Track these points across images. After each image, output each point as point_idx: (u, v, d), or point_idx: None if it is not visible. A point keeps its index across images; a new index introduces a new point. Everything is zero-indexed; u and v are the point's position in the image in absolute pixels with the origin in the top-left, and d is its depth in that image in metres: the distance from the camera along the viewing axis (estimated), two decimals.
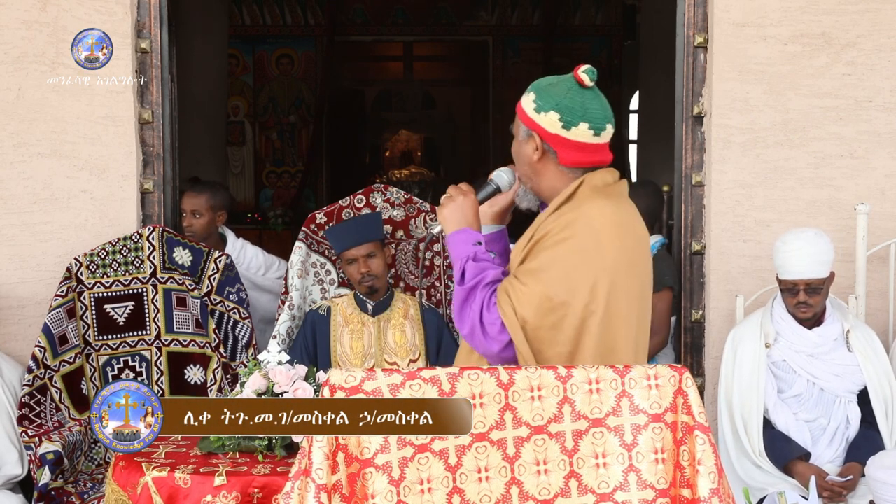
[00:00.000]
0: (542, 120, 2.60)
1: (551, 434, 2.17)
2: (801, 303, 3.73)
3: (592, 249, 2.49)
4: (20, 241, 4.23)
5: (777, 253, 3.76)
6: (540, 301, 2.46)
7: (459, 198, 2.66)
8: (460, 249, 2.60)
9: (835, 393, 3.77)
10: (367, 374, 2.12)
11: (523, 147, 2.65)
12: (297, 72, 11.96)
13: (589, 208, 2.54)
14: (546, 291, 2.47)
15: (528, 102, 2.63)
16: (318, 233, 4.27)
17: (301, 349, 3.98)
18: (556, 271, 2.48)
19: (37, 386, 3.90)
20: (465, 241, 2.61)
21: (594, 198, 2.56)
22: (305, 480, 2.05)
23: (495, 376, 2.16)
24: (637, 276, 2.59)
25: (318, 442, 2.06)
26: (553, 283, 2.47)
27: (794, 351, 3.79)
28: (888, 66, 4.24)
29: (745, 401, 3.79)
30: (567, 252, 2.49)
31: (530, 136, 2.63)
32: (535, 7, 12.09)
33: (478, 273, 2.54)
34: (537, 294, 2.46)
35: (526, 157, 2.65)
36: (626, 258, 2.54)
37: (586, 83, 2.62)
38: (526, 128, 2.64)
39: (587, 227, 2.51)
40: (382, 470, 2.10)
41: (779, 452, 3.72)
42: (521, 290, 2.48)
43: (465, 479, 2.14)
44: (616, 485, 2.16)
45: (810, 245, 3.70)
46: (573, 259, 2.48)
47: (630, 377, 2.19)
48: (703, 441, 2.14)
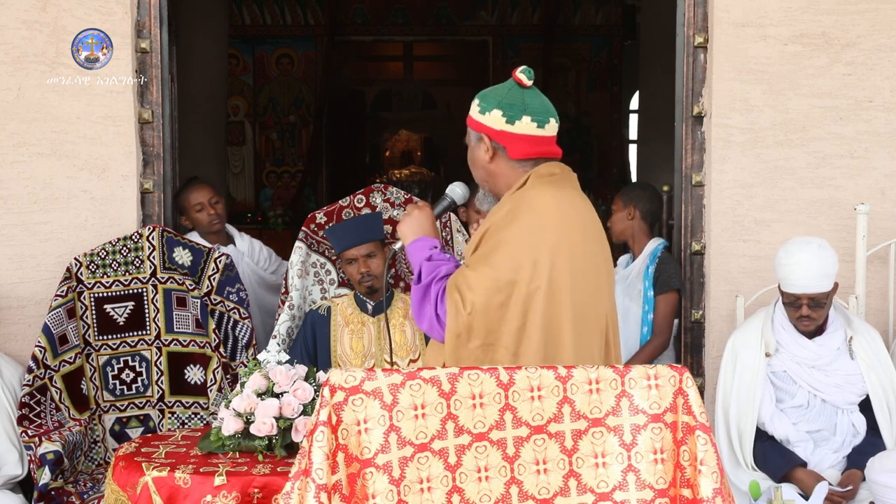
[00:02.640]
0: (487, 120, 2.77)
1: (551, 434, 2.17)
2: (803, 316, 3.65)
3: (535, 228, 2.63)
4: (20, 241, 4.24)
5: (779, 265, 3.66)
6: (488, 283, 2.59)
7: (415, 212, 2.86)
8: (417, 255, 2.79)
9: (836, 405, 3.72)
10: (367, 374, 2.13)
11: (476, 152, 2.81)
12: (297, 72, 11.95)
13: (531, 194, 2.69)
14: (493, 273, 2.60)
15: (473, 108, 2.81)
16: (318, 233, 4.27)
17: (301, 349, 3.98)
18: (501, 253, 2.62)
19: (37, 386, 3.90)
20: (421, 248, 2.78)
21: (537, 185, 2.71)
22: (305, 480, 2.05)
23: (495, 376, 2.16)
24: (583, 254, 2.70)
25: (319, 442, 2.06)
26: (499, 265, 2.61)
27: (795, 362, 3.72)
28: (888, 66, 4.24)
29: (743, 410, 3.75)
30: (511, 234, 2.64)
31: (480, 139, 2.79)
32: (535, 7, 12.09)
33: (432, 271, 2.70)
34: (486, 277, 2.60)
35: (480, 160, 2.80)
36: (568, 236, 2.67)
37: (525, 83, 2.78)
38: (475, 132, 2.80)
39: (528, 210, 2.66)
40: (383, 470, 2.10)
41: (774, 464, 3.67)
42: (471, 275, 2.62)
43: (464, 479, 2.14)
44: (615, 484, 2.17)
45: (814, 258, 3.59)
46: (516, 240, 2.63)
47: (630, 377, 2.19)
48: (704, 441, 2.14)
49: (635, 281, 4.48)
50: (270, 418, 3.10)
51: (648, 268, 4.45)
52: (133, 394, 4.19)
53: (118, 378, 4.16)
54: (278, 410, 3.11)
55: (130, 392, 4.18)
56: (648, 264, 4.47)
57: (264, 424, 3.09)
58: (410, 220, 2.86)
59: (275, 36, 11.90)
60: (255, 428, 3.09)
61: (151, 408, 4.20)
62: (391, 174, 12.14)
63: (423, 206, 2.90)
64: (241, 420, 3.13)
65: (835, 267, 3.63)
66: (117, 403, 4.17)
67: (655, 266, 4.44)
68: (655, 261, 4.46)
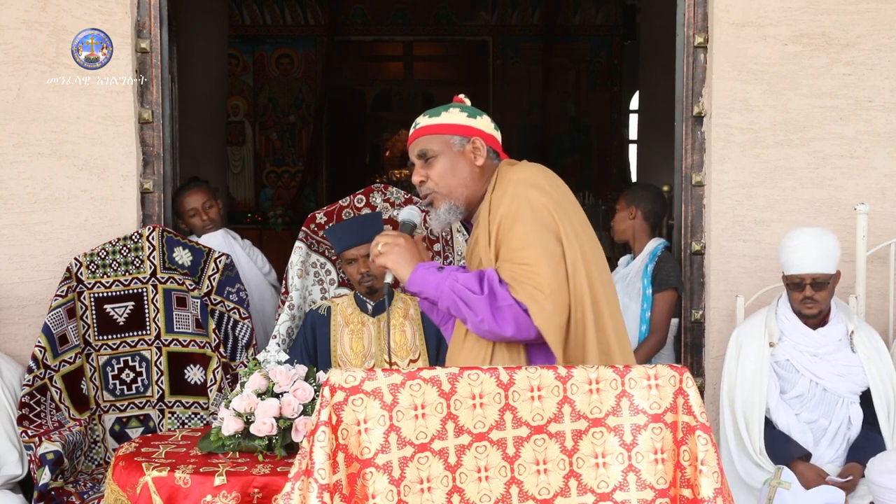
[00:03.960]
0: (478, 124, 2.78)
1: (551, 434, 2.17)
2: (806, 298, 3.71)
3: (538, 202, 2.61)
4: (20, 241, 4.24)
5: (783, 249, 3.76)
6: (545, 260, 2.53)
7: (400, 240, 2.69)
8: (432, 278, 2.62)
9: (837, 393, 3.77)
10: (367, 374, 2.13)
11: (460, 159, 2.76)
12: (297, 72, 11.96)
13: (512, 176, 2.68)
14: (541, 251, 2.54)
15: (455, 115, 2.79)
16: (318, 233, 4.27)
17: (301, 349, 3.98)
18: (532, 236, 2.56)
19: (37, 386, 3.90)
20: (429, 271, 2.64)
21: (512, 169, 2.72)
22: (307, 481, 2.05)
23: (495, 376, 2.16)
24: (577, 212, 2.72)
25: (320, 442, 2.06)
26: (540, 242, 2.56)
27: (798, 350, 3.79)
28: (888, 66, 4.24)
29: (748, 399, 3.79)
30: (526, 218, 2.59)
31: (469, 143, 2.76)
32: (534, 7, 12.09)
33: (479, 277, 2.57)
34: (537, 256, 2.53)
35: (466, 166, 2.75)
36: (561, 193, 2.70)
37: (466, 102, 2.86)
38: (461, 137, 2.76)
39: (522, 189, 2.62)
40: (383, 470, 2.10)
41: (779, 452, 3.72)
42: (524, 269, 2.53)
43: (464, 479, 2.14)
44: (615, 484, 2.16)
45: (816, 240, 3.71)
46: (533, 219, 2.59)
47: (630, 377, 2.19)
48: (705, 441, 2.14)
49: (634, 280, 4.49)
50: (270, 418, 3.09)
51: (647, 266, 4.46)
52: (133, 394, 4.19)
53: (118, 378, 4.16)
54: (278, 410, 3.11)
55: (130, 392, 4.18)
56: (648, 263, 4.48)
57: (264, 424, 3.09)
58: (398, 251, 2.68)
59: (275, 36, 11.92)
60: (255, 428, 3.09)
61: (151, 408, 4.20)
62: (391, 174, 12.16)
63: (398, 236, 2.73)
64: (241, 420, 3.13)
65: (836, 251, 3.73)
66: (117, 403, 4.17)
67: (654, 264, 4.44)
68: (655, 260, 4.46)
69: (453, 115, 2.79)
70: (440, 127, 2.78)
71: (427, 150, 2.77)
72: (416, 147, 2.79)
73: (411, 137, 2.84)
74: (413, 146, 2.81)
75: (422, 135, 2.79)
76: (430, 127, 2.79)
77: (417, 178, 2.79)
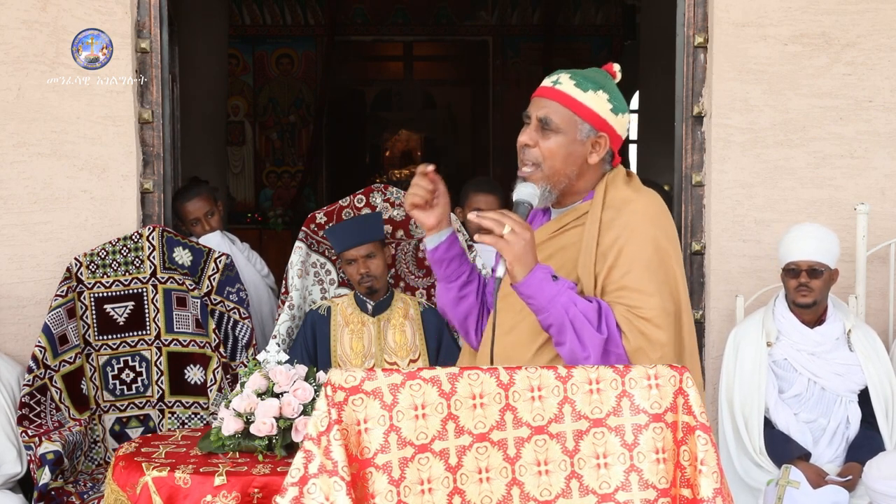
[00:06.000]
0: (616, 123, 2.54)
1: (552, 434, 2.16)
2: (801, 285, 3.72)
3: (665, 250, 2.49)
4: (20, 241, 4.23)
5: (783, 242, 3.81)
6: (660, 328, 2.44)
7: (528, 234, 2.39)
8: (548, 288, 2.41)
9: (836, 392, 3.77)
10: (367, 374, 2.12)
11: (578, 147, 2.52)
12: (297, 72, 11.95)
13: (631, 202, 2.51)
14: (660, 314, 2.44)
15: (601, 102, 2.52)
16: (318, 233, 4.27)
17: (301, 349, 3.98)
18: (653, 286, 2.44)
19: (37, 386, 3.90)
20: (546, 279, 2.41)
21: (629, 192, 2.54)
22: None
23: (495, 376, 2.16)
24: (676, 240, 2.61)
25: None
26: (660, 299, 2.45)
27: (795, 349, 3.80)
28: (888, 66, 4.24)
29: (746, 399, 3.80)
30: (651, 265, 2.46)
31: (597, 137, 2.53)
32: (535, 7, 12.09)
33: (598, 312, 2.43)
34: (658, 318, 2.43)
35: (581, 157, 2.53)
36: (675, 233, 2.57)
37: (618, 77, 2.63)
38: (592, 127, 2.52)
39: (649, 227, 2.48)
40: (382, 470, 2.10)
41: (778, 452, 3.72)
42: (643, 324, 2.43)
43: (465, 480, 2.14)
44: (618, 485, 2.16)
45: (816, 231, 3.77)
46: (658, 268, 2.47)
47: (630, 377, 2.19)
48: (705, 441, 2.13)
49: None
50: (270, 418, 3.09)
51: None
52: (133, 394, 4.19)
53: (118, 378, 4.16)
54: (278, 410, 3.11)
55: (130, 392, 4.18)
56: None
57: (264, 424, 3.08)
58: (525, 245, 2.38)
59: (275, 36, 11.91)
60: (255, 428, 3.09)
61: (151, 408, 4.19)
62: (391, 174, 12.15)
63: (526, 227, 2.40)
64: (241, 420, 3.12)
65: (835, 246, 3.76)
66: (117, 403, 4.17)
67: None
68: None
69: (598, 101, 2.52)
70: (578, 105, 2.51)
71: (551, 120, 2.50)
72: (542, 108, 2.52)
73: (543, 91, 2.55)
74: (539, 104, 2.53)
75: (555, 99, 2.51)
76: (569, 99, 2.51)
77: (526, 138, 2.52)
